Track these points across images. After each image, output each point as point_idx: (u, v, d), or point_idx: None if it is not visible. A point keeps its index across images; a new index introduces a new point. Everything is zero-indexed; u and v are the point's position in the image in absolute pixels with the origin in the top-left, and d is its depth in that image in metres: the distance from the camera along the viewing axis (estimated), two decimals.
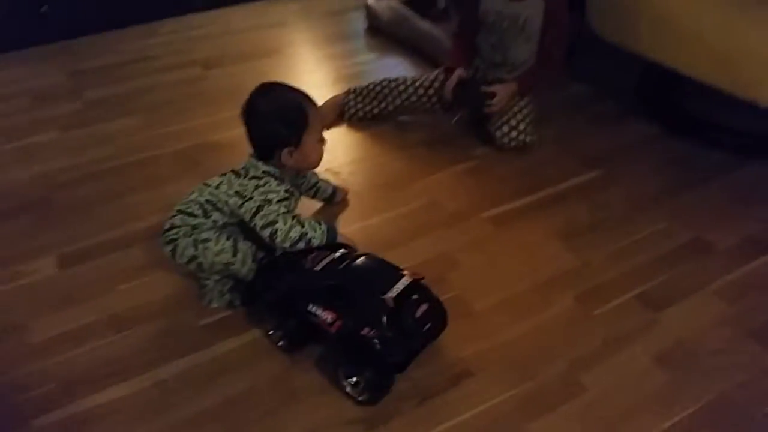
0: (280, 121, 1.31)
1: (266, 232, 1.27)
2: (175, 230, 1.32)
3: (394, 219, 1.58)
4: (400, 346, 1.11)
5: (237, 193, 1.30)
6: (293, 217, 1.28)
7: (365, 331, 1.09)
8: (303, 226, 1.27)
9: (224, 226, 1.33)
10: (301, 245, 1.27)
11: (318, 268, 1.21)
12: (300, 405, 1.16)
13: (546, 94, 1.93)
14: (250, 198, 1.29)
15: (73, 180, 1.75)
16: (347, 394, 1.16)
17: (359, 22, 2.59)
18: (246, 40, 2.48)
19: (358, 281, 1.17)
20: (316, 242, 1.28)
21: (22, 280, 1.44)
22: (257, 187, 1.29)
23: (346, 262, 1.21)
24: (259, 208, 1.27)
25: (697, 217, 1.57)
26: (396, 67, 2.27)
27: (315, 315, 1.16)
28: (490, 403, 1.15)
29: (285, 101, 1.32)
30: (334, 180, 1.64)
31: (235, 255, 1.29)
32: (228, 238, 1.30)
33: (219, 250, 1.28)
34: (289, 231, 1.26)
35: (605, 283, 1.39)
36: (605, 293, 1.37)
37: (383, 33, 2.46)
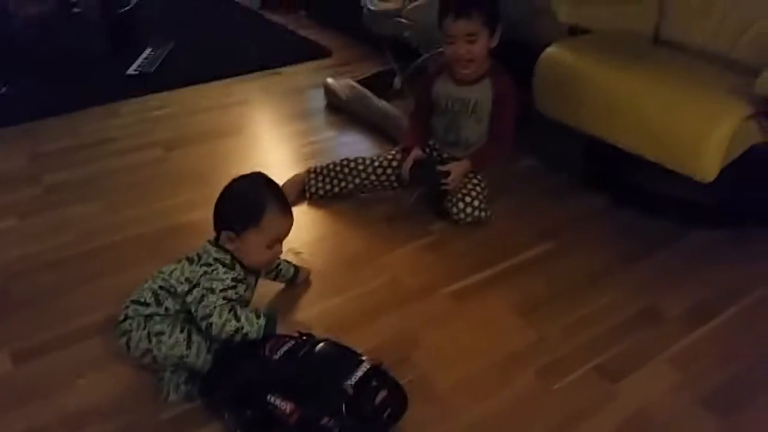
0: (232, 203, 1.34)
1: (203, 324, 1.27)
2: (128, 321, 1.32)
3: (355, 298, 1.60)
4: None
5: (187, 279, 1.31)
6: (230, 310, 1.27)
7: (325, 420, 1.10)
8: (239, 321, 1.27)
9: (177, 314, 1.32)
10: (237, 338, 1.27)
11: (276, 356, 1.22)
12: None
13: (498, 168, 2.01)
14: (197, 285, 1.30)
15: (31, 269, 1.72)
16: None
17: (319, 100, 2.68)
18: (207, 120, 2.53)
19: (316, 370, 1.18)
20: (252, 336, 1.27)
21: None
22: (204, 273, 1.30)
23: (304, 349, 1.22)
24: (201, 298, 1.28)
25: (645, 286, 1.63)
26: (355, 144, 2.34)
27: (274, 406, 1.16)
28: None
29: (251, 192, 1.35)
30: (295, 260, 1.66)
31: (189, 348, 1.28)
32: (182, 330, 1.30)
33: (173, 343, 1.28)
34: (223, 325, 1.25)
35: (563, 357, 1.43)
36: (563, 367, 1.40)
37: (342, 111, 2.54)
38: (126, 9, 3.04)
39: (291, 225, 1.40)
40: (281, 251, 1.40)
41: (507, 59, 1.84)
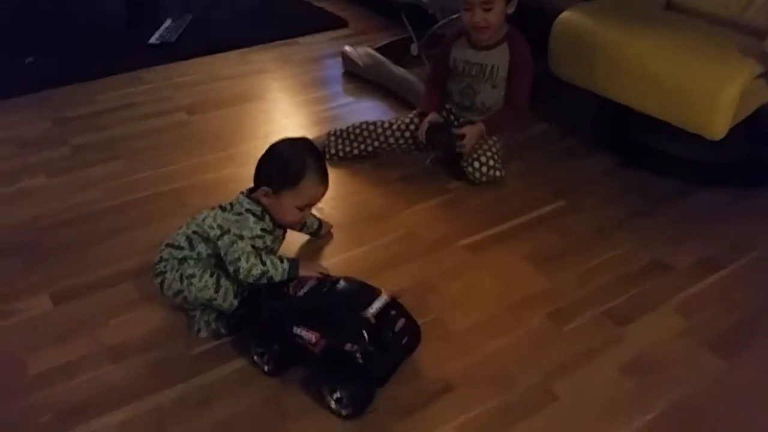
0: (275, 163, 1.41)
1: (231, 268, 1.34)
2: (163, 263, 1.40)
3: (374, 250, 1.68)
4: (381, 359, 1.20)
5: (219, 226, 1.38)
6: (257, 256, 1.34)
7: (348, 347, 1.17)
8: (264, 265, 1.33)
9: (208, 258, 1.40)
10: (263, 281, 1.34)
11: (300, 293, 1.29)
12: (290, 425, 1.22)
13: (513, 133, 2.07)
14: (227, 231, 1.37)
15: (62, 222, 1.81)
16: (332, 410, 1.22)
17: (336, 68, 2.73)
18: (227, 87, 2.59)
19: (339, 301, 1.26)
20: (277, 279, 1.34)
21: (17, 317, 1.48)
22: (236, 221, 1.37)
23: (326, 286, 1.29)
24: (231, 243, 1.35)
25: (654, 240, 1.69)
26: (372, 110, 2.39)
27: (300, 337, 1.23)
28: (470, 414, 1.23)
29: (295, 155, 1.41)
30: (318, 214, 1.73)
31: (217, 291, 1.36)
32: (212, 275, 1.37)
33: (202, 286, 1.36)
34: (250, 269, 1.32)
35: (573, 302, 1.50)
36: (573, 311, 1.47)
37: (359, 78, 2.59)
38: None
39: (325, 192, 1.46)
40: (309, 215, 1.46)
41: (523, 25, 1.88)
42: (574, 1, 2.06)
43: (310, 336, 1.22)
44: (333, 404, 1.22)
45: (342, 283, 1.30)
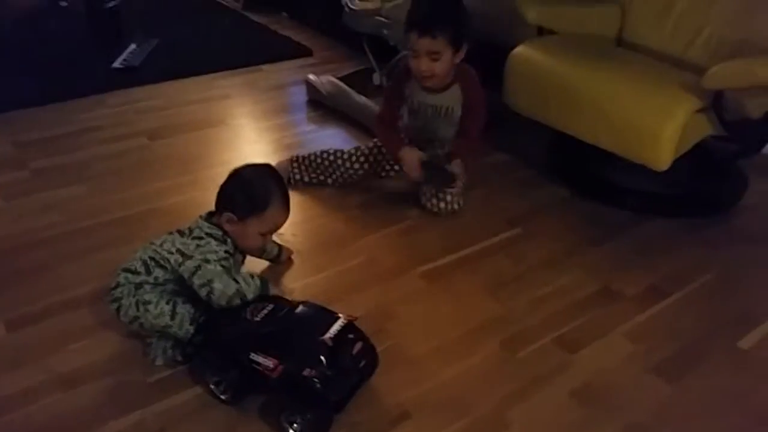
0: (241, 189, 1.42)
1: (203, 291, 1.35)
2: (119, 289, 1.39)
3: (334, 276, 1.70)
4: (339, 383, 1.21)
5: (178, 250, 1.39)
6: (229, 275, 1.35)
7: (306, 372, 1.19)
8: (237, 282, 1.35)
9: (165, 283, 1.40)
10: (237, 301, 1.34)
11: (257, 318, 1.30)
12: None
13: (472, 162, 2.12)
14: (191, 257, 1.37)
15: (20, 246, 1.78)
16: None
17: (300, 95, 2.77)
18: (191, 112, 2.60)
19: (296, 326, 1.28)
20: (250, 296, 1.35)
21: None
22: (198, 246, 1.38)
23: (285, 310, 1.31)
24: (197, 268, 1.36)
25: (605, 268, 1.76)
26: (335, 137, 2.43)
27: (257, 363, 1.24)
28: None
29: (261, 182, 1.43)
30: (278, 240, 1.74)
31: (173, 318, 1.36)
32: (168, 302, 1.37)
33: (158, 313, 1.36)
34: (224, 288, 1.33)
35: (526, 329, 1.54)
36: (526, 338, 1.51)
37: (323, 106, 2.64)
38: (111, 5, 3.10)
39: (287, 218, 1.49)
40: (269, 241, 1.49)
41: (478, 58, 1.94)
42: (528, 35, 2.15)
43: (267, 362, 1.23)
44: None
45: (300, 307, 1.32)
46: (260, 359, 1.24)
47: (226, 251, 1.40)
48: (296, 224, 1.88)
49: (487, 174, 2.20)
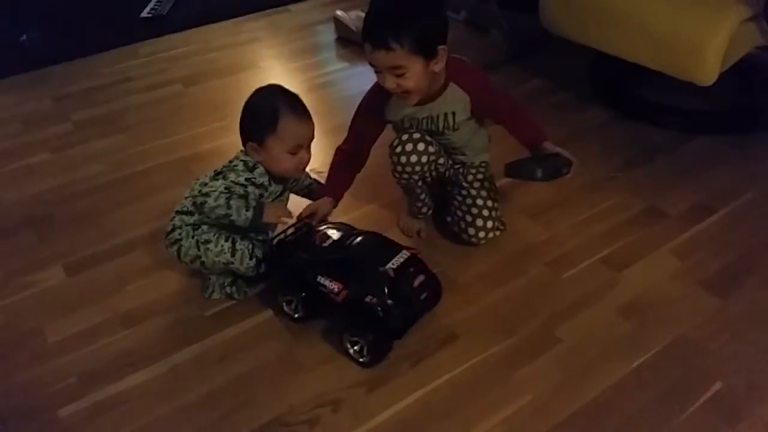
0: (248, 114, 1.40)
1: (199, 201, 1.35)
2: (177, 231, 1.42)
3: (377, 209, 1.72)
4: (399, 312, 1.25)
5: (210, 178, 1.41)
6: (227, 198, 1.32)
7: (368, 299, 1.23)
8: (230, 208, 1.32)
9: (218, 220, 1.41)
10: (225, 222, 1.36)
11: (325, 244, 1.34)
12: (306, 375, 1.29)
13: (509, 89, 2.08)
14: (219, 172, 1.41)
15: (70, 195, 1.85)
16: (350, 357, 1.29)
17: (328, 34, 2.73)
18: (222, 57, 2.60)
19: (361, 255, 1.31)
20: (239, 223, 1.33)
21: (33, 289, 1.53)
22: (226, 169, 1.41)
23: (350, 239, 1.34)
24: (212, 177, 1.39)
25: (649, 189, 1.73)
26: (364, 75, 2.39)
27: (323, 285, 1.29)
28: (477, 358, 1.29)
29: (264, 101, 1.39)
30: (317, 177, 1.75)
31: (233, 255, 1.39)
32: (227, 239, 1.40)
33: (219, 250, 1.39)
34: (214, 207, 1.32)
35: (571, 251, 1.55)
36: (571, 259, 1.52)
37: (352, 43, 2.60)
38: None
39: (310, 129, 1.41)
40: (308, 158, 1.43)
41: None
42: None
43: (332, 286, 1.28)
44: (352, 351, 1.29)
45: (364, 236, 1.35)
46: (326, 282, 1.29)
47: (248, 179, 1.38)
48: None
49: (524, 99, 2.14)
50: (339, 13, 2.65)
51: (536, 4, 2.03)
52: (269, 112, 1.37)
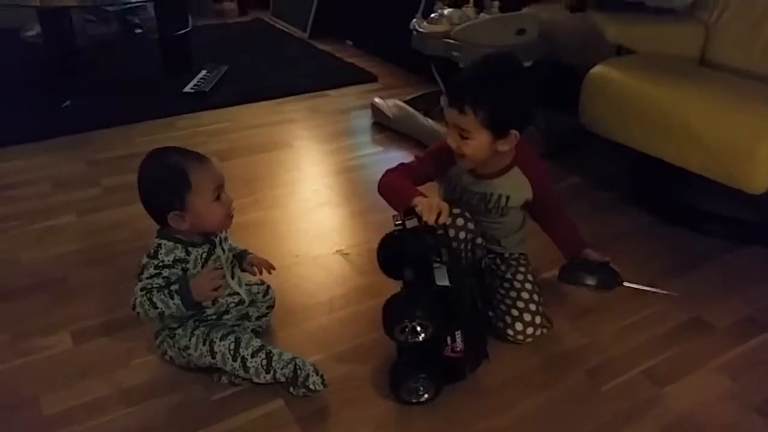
0: (155, 189, 1.28)
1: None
2: (160, 338, 1.39)
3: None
4: None
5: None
6: (147, 297, 1.27)
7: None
8: (156, 307, 1.26)
9: (188, 319, 1.34)
10: (166, 318, 1.30)
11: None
12: None
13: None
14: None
15: (90, 260, 1.80)
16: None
17: (365, 119, 2.76)
18: (258, 135, 2.62)
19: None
20: (168, 313, 1.27)
21: (36, 354, 1.46)
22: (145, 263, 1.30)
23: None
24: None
25: (694, 298, 1.63)
26: (398, 159, 2.36)
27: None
28: None
29: (162, 168, 1.28)
30: (344, 260, 1.68)
31: (214, 357, 1.32)
32: (204, 342, 1.32)
33: (199, 355, 1.33)
34: (146, 313, 1.27)
35: (612, 360, 1.43)
36: (612, 369, 1.40)
37: (388, 129, 2.61)
38: (183, 32, 3.19)
39: (217, 167, 1.33)
40: (231, 198, 1.34)
41: (554, 80, 1.88)
42: (601, 56, 2.07)
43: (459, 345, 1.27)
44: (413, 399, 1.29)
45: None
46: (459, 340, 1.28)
47: (156, 266, 1.28)
48: (361, 244, 1.83)
49: (564, 198, 2.10)
50: (377, 100, 2.68)
51: (576, 104, 2.02)
52: (175, 173, 1.25)
